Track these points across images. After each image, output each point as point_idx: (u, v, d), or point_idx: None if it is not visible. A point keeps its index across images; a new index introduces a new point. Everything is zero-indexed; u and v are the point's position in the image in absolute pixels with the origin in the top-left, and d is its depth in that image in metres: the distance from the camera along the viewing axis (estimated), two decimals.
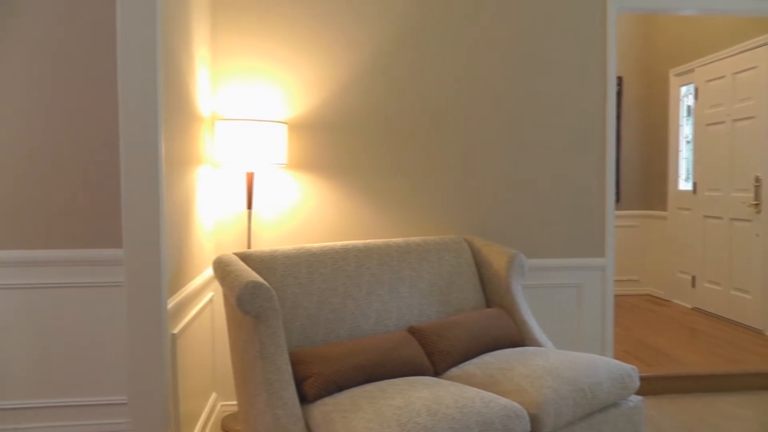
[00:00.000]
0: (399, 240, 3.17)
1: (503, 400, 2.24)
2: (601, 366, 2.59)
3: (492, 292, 3.25)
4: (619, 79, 7.05)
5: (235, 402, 3.53)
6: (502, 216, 3.69)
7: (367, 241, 3.09)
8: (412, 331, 2.80)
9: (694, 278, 6.26)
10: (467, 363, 2.70)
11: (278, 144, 3.25)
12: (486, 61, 3.65)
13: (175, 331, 2.56)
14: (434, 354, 2.68)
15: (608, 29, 3.75)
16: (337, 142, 3.54)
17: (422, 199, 3.62)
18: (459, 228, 3.67)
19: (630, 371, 2.63)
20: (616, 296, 7.00)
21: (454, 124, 3.62)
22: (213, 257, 3.48)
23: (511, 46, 3.66)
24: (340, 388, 2.38)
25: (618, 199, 7.12)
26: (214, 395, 3.48)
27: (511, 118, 3.67)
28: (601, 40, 3.77)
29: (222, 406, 3.56)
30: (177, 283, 2.68)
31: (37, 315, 3.38)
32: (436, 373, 2.68)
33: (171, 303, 2.53)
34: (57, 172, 3.37)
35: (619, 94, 7.06)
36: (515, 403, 2.25)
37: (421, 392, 2.23)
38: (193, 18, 3.02)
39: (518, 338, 2.97)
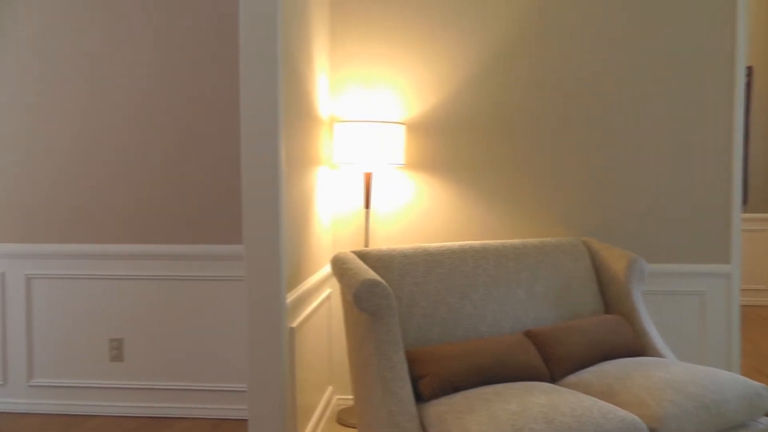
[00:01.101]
0: (515, 241, 3.14)
1: (622, 412, 2.17)
2: (728, 382, 2.47)
3: (611, 297, 3.16)
4: (749, 69, 6.64)
5: (350, 396, 3.61)
6: (620, 217, 3.57)
7: (484, 241, 3.07)
8: (529, 334, 2.76)
9: None
10: (584, 371, 2.64)
11: (396, 144, 3.28)
12: (605, 55, 3.53)
13: (294, 325, 2.63)
14: (551, 360, 2.64)
15: (738, 11, 3.47)
16: (452, 142, 3.53)
17: (538, 199, 3.56)
18: (576, 229, 3.59)
19: (760, 390, 2.49)
20: (743, 306, 6.62)
21: (572, 122, 3.54)
22: (331, 255, 3.57)
23: (631, 39, 3.52)
24: (456, 388, 2.38)
25: (745, 201, 6.74)
26: (330, 389, 3.57)
27: (631, 114, 3.54)
28: (730, 25, 3.51)
29: (338, 399, 3.64)
30: (296, 279, 2.76)
31: (167, 304, 3.59)
32: (553, 380, 2.64)
33: (290, 298, 2.60)
34: (184, 174, 3.55)
35: (748, 85, 6.65)
36: (635, 416, 2.18)
37: (537, 398, 2.20)
38: (312, 29, 3.11)
39: (638, 347, 2.87)
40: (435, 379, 2.37)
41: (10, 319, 3.81)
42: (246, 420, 3.46)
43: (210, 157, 3.52)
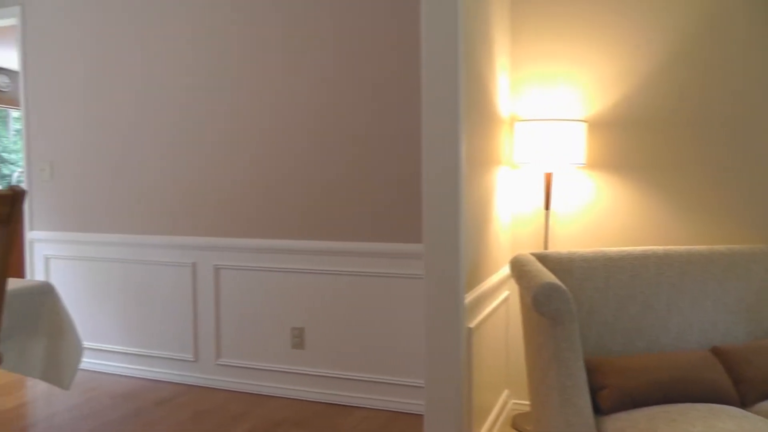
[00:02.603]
0: (701, 247, 2.97)
1: None
2: None
3: None
4: None
5: (526, 401, 3.58)
6: None
7: (667, 247, 2.94)
8: (716, 352, 2.61)
9: None
10: None
11: (577, 143, 3.20)
12: None
13: (472, 325, 2.66)
14: (741, 382, 2.48)
15: None
16: (634, 139, 3.39)
17: (726, 203, 3.32)
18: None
19: None
20: None
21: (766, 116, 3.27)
22: (509, 256, 3.55)
23: None
24: (636, 404, 2.31)
25: None
26: (506, 392, 3.57)
27: None
28: None
29: (513, 403, 3.62)
30: (474, 279, 2.79)
31: (347, 298, 3.74)
32: (742, 404, 2.46)
33: (468, 298, 2.63)
34: (366, 173, 3.67)
35: None
36: None
37: (725, 423, 2.09)
38: (493, 28, 3.09)
39: None
40: (615, 391, 2.31)
41: (201, 305, 4.16)
42: (421, 415, 3.54)
43: (391, 156, 3.61)
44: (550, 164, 3.21)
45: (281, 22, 3.83)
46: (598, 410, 2.34)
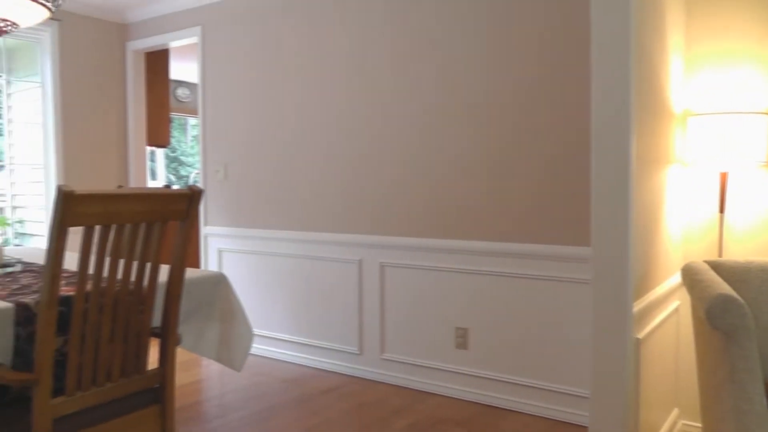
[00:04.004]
0: None
1: None
2: None
3: None
4: None
5: (698, 423, 3.29)
6: None
7: None
8: None
9: None
10: None
11: (759, 138, 2.92)
12: None
13: (640, 336, 2.53)
14: None
15: None
16: None
17: None
18: None
19: None
20: None
21: None
22: (679, 263, 3.30)
23: None
24: None
25: None
26: (675, 411, 3.32)
27: None
28: None
29: (683, 424, 3.36)
30: (643, 287, 2.65)
31: (511, 300, 3.69)
32: None
33: (636, 307, 2.51)
34: (530, 172, 3.59)
35: None
36: None
37: None
38: (666, 2, 2.88)
39: None
40: None
41: (366, 300, 4.28)
42: (582, 426, 3.41)
43: (557, 156, 3.51)
44: (726, 162, 2.97)
45: (436, 21, 3.83)
46: None
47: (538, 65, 3.54)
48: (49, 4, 3.23)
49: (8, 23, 3.26)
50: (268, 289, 4.86)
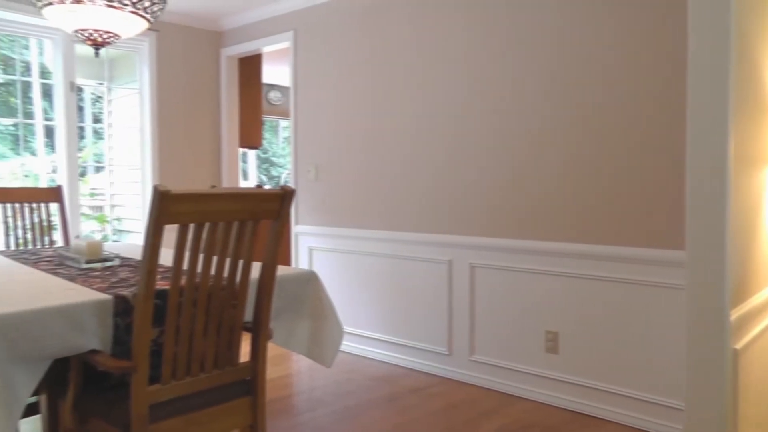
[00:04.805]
0: None
1: None
2: None
3: None
4: None
5: None
6: None
7: None
8: None
9: None
10: None
11: None
12: None
13: (738, 346, 2.42)
14: None
15: None
16: None
17: None
18: None
19: None
20: None
21: None
22: None
23: None
24: None
25: None
26: None
27: None
28: None
29: None
30: (741, 294, 2.53)
31: (603, 304, 3.59)
32: None
33: (734, 315, 2.39)
34: (621, 174, 3.49)
35: None
36: None
37: None
38: None
39: None
40: None
41: (456, 301, 4.27)
42: None
43: (648, 156, 3.40)
44: None
45: (550, 21, 3.78)
46: None
47: (630, 60, 3.44)
48: (148, 16, 3.39)
49: (111, 35, 3.44)
50: (357, 287, 4.92)
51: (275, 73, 8.33)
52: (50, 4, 3.20)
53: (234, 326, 2.33)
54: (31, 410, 2.38)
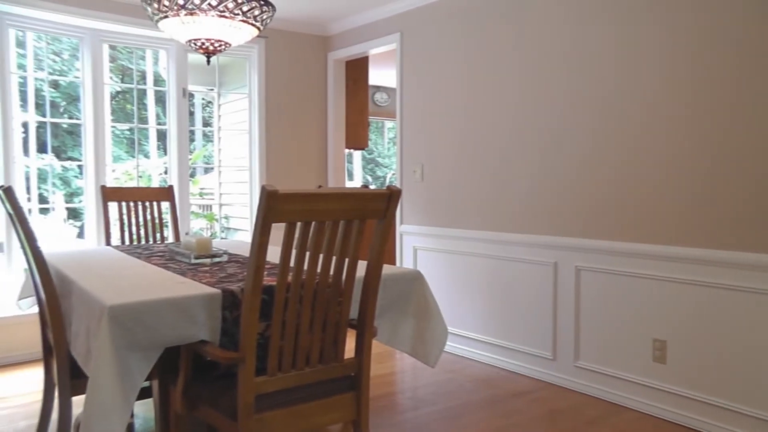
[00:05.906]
0: None
1: None
2: None
3: None
4: None
5: None
6: None
7: None
8: None
9: None
10: None
11: None
12: None
13: None
14: None
15: None
16: None
17: None
18: None
19: None
20: None
21: None
22: None
23: None
24: None
25: None
26: None
27: None
28: None
29: None
30: None
31: (714, 313, 3.39)
32: None
33: None
34: (732, 175, 3.30)
35: None
36: None
37: None
38: None
39: None
40: None
41: (561, 304, 4.18)
42: None
43: (760, 158, 3.20)
44: None
45: (658, 20, 3.65)
46: None
47: (738, 60, 3.25)
48: (258, 24, 3.50)
49: (222, 43, 3.58)
50: (461, 287, 4.90)
51: (381, 75, 8.44)
52: (165, 17, 3.35)
53: (339, 323, 2.37)
54: (144, 393, 2.51)
